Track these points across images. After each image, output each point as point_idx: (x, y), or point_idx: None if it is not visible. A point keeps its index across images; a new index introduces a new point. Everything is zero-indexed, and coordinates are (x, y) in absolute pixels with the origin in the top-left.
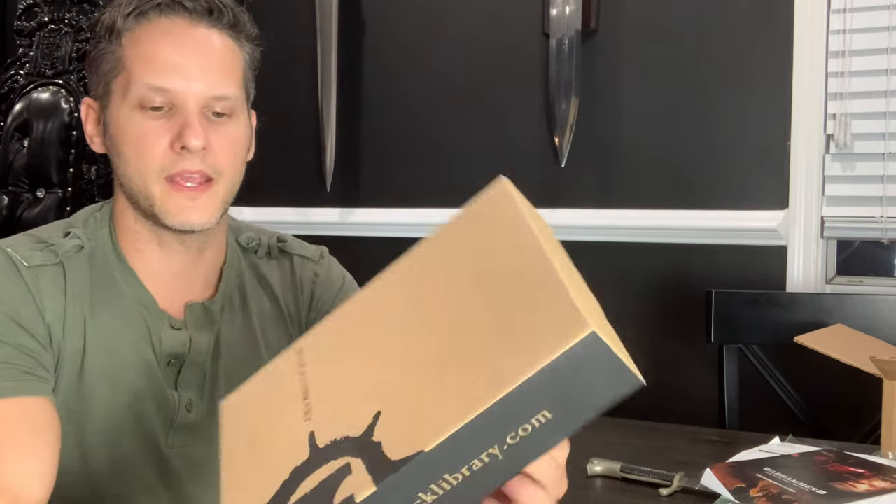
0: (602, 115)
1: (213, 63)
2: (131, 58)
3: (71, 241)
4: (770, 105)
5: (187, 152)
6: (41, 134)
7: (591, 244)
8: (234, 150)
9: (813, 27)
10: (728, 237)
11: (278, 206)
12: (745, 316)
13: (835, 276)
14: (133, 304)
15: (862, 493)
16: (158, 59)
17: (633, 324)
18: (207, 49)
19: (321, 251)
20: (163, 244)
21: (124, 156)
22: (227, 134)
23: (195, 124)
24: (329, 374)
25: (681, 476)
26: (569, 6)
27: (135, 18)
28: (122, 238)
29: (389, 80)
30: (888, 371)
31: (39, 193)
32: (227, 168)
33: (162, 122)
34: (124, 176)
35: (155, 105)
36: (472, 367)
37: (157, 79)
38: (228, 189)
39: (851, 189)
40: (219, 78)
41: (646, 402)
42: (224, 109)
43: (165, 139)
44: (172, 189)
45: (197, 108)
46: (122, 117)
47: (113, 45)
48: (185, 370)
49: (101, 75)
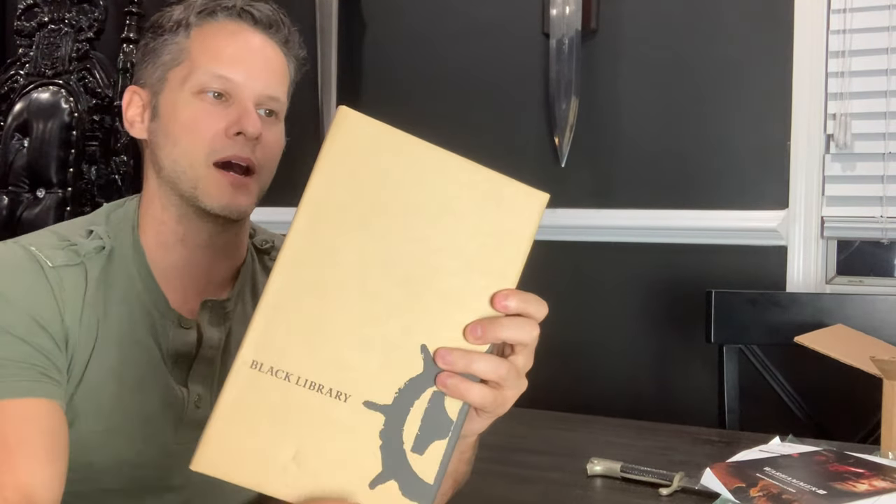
0: (602, 115)
1: (270, 66)
2: (197, 48)
3: (93, 242)
4: (770, 105)
5: (242, 138)
6: (41, 134)
7: (591, 244)
8: (276, 149)
9: (813, 27)
10: (728, 237)
11: (278, 206)
12: (745, 316)
13: (835, 276)
14: (144, 303)
15: (862, 492)
16: (224, 52)
17: (633, 324)
18: (267, 54)
19: None
20: (187, 239)
21: (173, 136)
22: (274, 133)
23: (253, 113)
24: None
25: (681, 476)
26: (569, 6)
27: (205, 16)
28: (145, 232)
29: (389, 79)
30: (888, 371)
31: (39, 193)
32: (267, 164)
33: (219, 108)
34: (168, 158)
35: (215, 91)
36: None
37: (220, 68)
38: (263, 184)
39: (851, 189)
40: (275, 80)
41: (646, 402)
42: (274, 109)
43: (220, 124)
44: (219, 174)
45: (252, 102)
46: (178, 101)
47: (179, 37)
48: (196, 365)
49: (160, 65)
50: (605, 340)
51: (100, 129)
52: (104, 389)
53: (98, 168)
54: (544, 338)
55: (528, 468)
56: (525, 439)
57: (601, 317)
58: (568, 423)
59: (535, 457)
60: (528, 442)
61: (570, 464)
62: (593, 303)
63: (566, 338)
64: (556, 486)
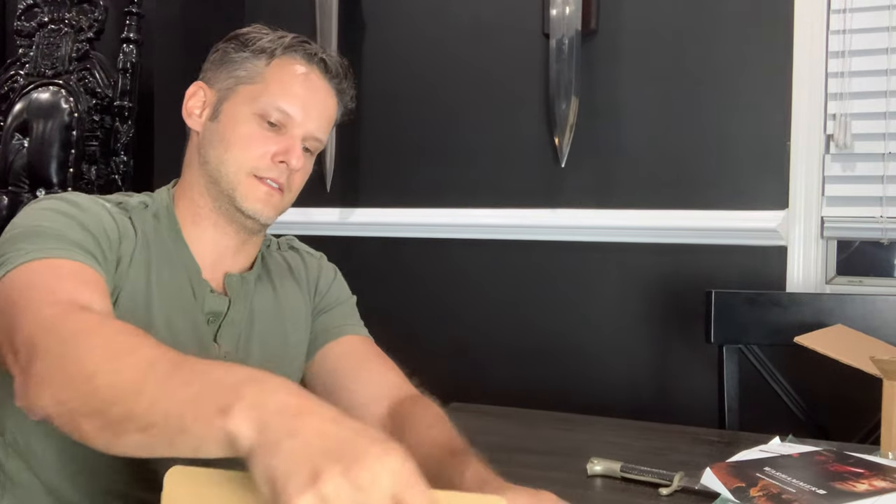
0: (602, 115)
1: (324, 111)
2: (272, 78)
3: (136, 199)
4: (770, 105)
5: (283, 166)
6: (41, 134)
7: (591, 244)
8: (304, 178)
9: (813, 27)
10: (728, 237)
11: None
12: (745, 316)
13: (835, 276)
14: (183, 267)
15: (862, 492)
16: (293, 89)
17: (633, 324)
18: (325, 100)
19: (320, 254)
20: (217, 226)
21: (227, 142)
22: (308, 166)
23: (299, 149)
24: None
25: (681, 476)
26: (569, 6)
27: (287, 51)
28: (180, 209)
29: (389, 80)
30: (888, 371)
31: (39, 193)
32: (296, 187)
33: (273, 134)
34: (217, 158)
35: (272, 120)
36: None
37: (285, 103)
38: (287, 203)
39: (851, 189)
40: (325, 124)
41: (646, 402)
42: (313, 149)
43: (270, 148)
44: (257, 182)
45: (300, 137)
46: (240, 115)
47: (260, 62)
48: (224, 328)
49: (234, 77)
50: (605, 340)
51: (100, 129)
52: (157, 330)
53: (98, 168)
54: (545, 338)
55: (528, 468)
56: (525, 439)
57: (601, 317)
58: (568, 423)
59: (535, 457)
60: (528, 442)
61: (570, 464)
62: (593, 303)
63: (566, 338)
64: (556, 486)
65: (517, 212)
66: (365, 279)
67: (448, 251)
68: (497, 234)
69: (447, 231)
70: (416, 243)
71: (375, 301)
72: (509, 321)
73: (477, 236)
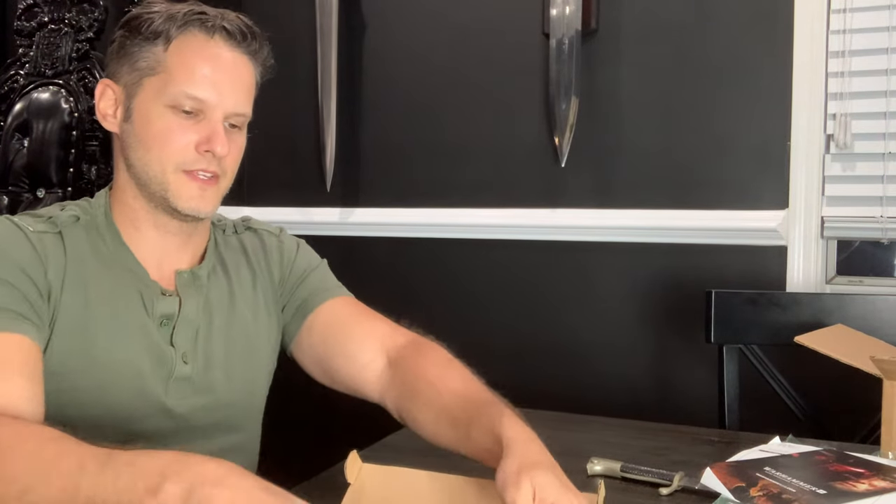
0: (602, 115)
1: (239, 84)
2: (174, 64)
3: (67, 213)
4: (770, 105)
5: (210, 155)
6: (41, 134)
7: (591, 244)
8: (238, 156)
9: (813, 27)
10: (728, 237)
11: (279, 206)
12: (745, 316)
13: (835, 276)
14: (127, 273)
15: (862, 492)
16: (198, 72)
17: (633, 323)
18: (237, 71)
19: (279, 228)
20: (158, 225)
21: (145, 143)
22: (237, 143)
23: (222, 134)
24: None
25: (681, 476)
26: (569, 6)
27: (183, 29)
28: (117, 214)
29: (389, 79)
30: (888, 371)
31: (39, 193)
32: (230, 169)
33: (190, 123)
34: (139, 161)
35: (186, 109)
36: None
37: (194, 88)
38: (226, 187)
39: (851, 189)
40: (243, 98)
41: (646, 402)
42: (239, 123)
43: (192, 139)
44: (187, 179)
45: (221, 119)
46: (152, 111)
47: (157, 48)
48: (179, 327)
49: (136, 70)
50: (605, 340)
51: (100, 128)
52: (97, 345)
53: (98, 168)
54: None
55: None
56: None
57: (601, 317)
58: (568, 423)
59: None
60: None
61: (570, 464)
62: (593, 303)
63: (566, 338)
64: None
65: (517, 212)
66: (365, 279)
67: (448, 251)
68: (497, 234)
69: (447, 231)
70: (416, 243)
71: (375, 301)
72: (509, 321)
73: (477, 236)
